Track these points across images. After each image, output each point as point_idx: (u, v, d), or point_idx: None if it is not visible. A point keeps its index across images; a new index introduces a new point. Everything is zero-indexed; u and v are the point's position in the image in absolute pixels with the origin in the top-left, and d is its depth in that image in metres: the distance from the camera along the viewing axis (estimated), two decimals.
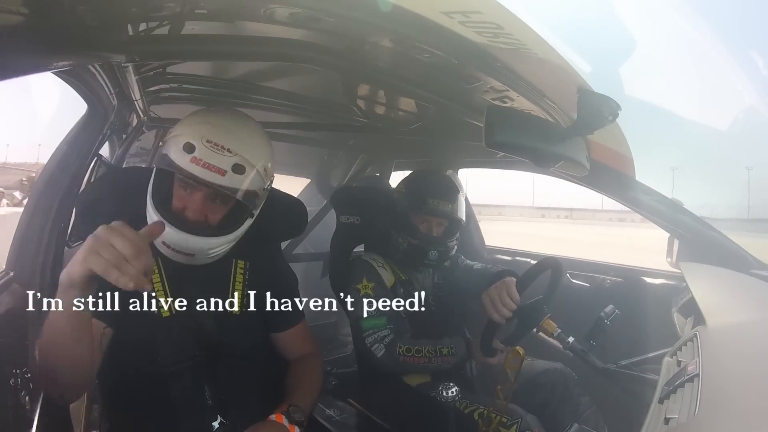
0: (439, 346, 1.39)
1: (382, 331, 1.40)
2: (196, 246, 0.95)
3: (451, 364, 1.38)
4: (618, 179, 1.50)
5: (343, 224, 1.74)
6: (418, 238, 1.49)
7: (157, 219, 0.93)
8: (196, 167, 0.90)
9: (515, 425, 1.21)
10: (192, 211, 0.94)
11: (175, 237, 0.93)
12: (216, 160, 0.90)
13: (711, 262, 1.43)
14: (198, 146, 0.90)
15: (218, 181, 0.90)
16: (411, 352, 1.38)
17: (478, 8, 0.67)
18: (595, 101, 0.92)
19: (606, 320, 1.45)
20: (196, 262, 0.98)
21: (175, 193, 0.96)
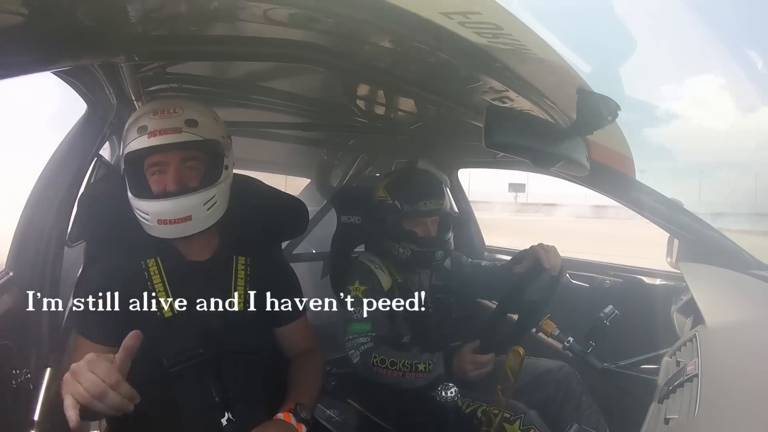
0: (416, 361, 1.34)
1: (362, 338, 1.39)
2: (188, 204, 0.96)
3: (426, 381, 1.32)
4: (618, 179, 1.50)
5: (343, 224, 1.73)
6: (421, 245, 1.47)
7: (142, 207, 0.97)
8: (155, 138, 0.94)
9: (519, 420, 1.21)
10: (171, 183, 0.96)
11: (167, 206, 0.95)
12: (168, 122, 0.95)
13: (711, 262, 1.43)
14: (148, 122, 0.95)
15: (178, 139, 0.94)
16: (385, 363, 1.35)
17: (478, 9, 0.67)
18: (595, 101, 0.93)
19: (605, 320, 1.45)
20: (198, 226, 0.98)
21: (150, 181, 0.98)
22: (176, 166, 0.96)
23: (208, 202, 0.98)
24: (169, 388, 0.97)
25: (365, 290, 1.44)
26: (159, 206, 0.95)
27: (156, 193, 0.97)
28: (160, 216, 0.95)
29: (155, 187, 0.97)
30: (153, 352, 0.97)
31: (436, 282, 1.61)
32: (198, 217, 0.97)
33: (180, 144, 0.95)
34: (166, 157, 0.96)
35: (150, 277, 1.02)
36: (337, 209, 1.77)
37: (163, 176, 0.97)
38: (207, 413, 0.96)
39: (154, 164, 0.97)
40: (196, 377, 0.98)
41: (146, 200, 0.96)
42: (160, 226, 0.96)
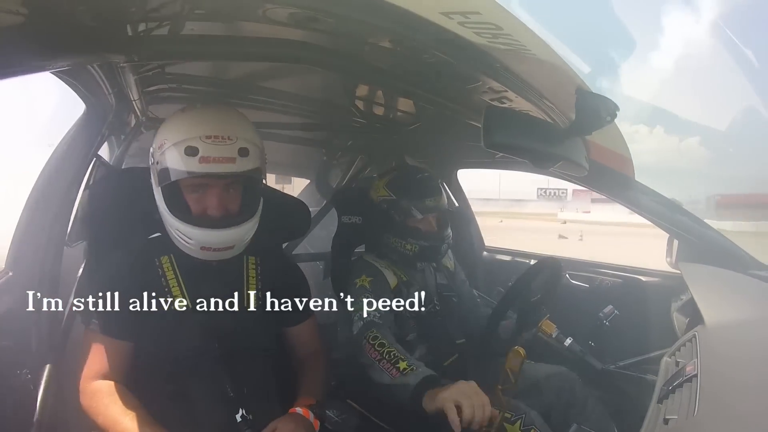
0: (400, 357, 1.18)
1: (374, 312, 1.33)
2: (232, 237, 0.98)
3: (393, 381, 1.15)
4: (617, 179, 1.50)
5: (344, 224, 1.73)
6: (427, 239, 1.48)
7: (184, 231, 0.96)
8: (209, 165, 0.92)
9: (519, 420, 1.21)
10: (213, 208, 0.97)
11: (214, 236, 0.96)
12: (222, 151, 0.92)
13: (710, 263, 1.43)
14: (200, 146, 0.92)
15: (231, 169, 0.93)
16: (376, 341, 1.22)
17: (477, 9, 0.67)
18: (594, 102, 0.93)
19: (605, 321, 1.45)
20: (236, 252, 1.02)
21: (189, 199, 0.98)
22: (220, 191, 0.97)
23: (249, 232, 1.02)
24: (184, 384, 0.99)
25: (371, 281, 1.44)
26: (206, 235, 0.96)
27: (196, 214, 0.97)
28: (205, 244, 0.97)
29: (195, 207, 0.98)
30: (168, 348, 0.99)
31: (441, 281, 1.61)
32: (239, 246, 1.02)
33: (232, 174, 0.94)
34: (212, 181, 0.96)
35: (164, 274, 1.03)
36: (338, 209, 1.77)
37: (204, 197, 0.97)
38: (221, 409, 0.98)
39: (196, 186, 0.97)
40: (210, 373, 0.99)
41: (190, 226, 0.96)
42: (201, 251, 0.98)
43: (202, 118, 0.97)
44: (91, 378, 0.97)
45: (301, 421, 0.96)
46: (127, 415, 0.91)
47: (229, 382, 0.99)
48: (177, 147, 0.93)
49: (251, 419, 0.97)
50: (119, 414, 0.91)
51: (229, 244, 0.98)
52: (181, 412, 0.98)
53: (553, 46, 0.84)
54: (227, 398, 0.98)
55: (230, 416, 0.97)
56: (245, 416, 0.97)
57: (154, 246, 1.05)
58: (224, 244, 0.98)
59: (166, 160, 0.94)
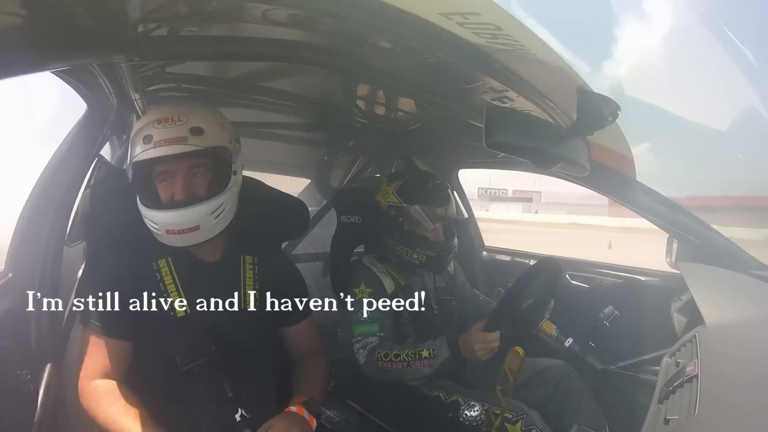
0: (419, 349, 1.30)
1: (371, 337, 1.38)
2: (195, 215, 0.96)
3: (432, 368, 1.28)
4: (618, 180, 1.50)
5: (343, 224, 1.73)
6: (435, 249, 1.47)
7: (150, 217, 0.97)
8: (161, 148, 0.93)
9: (520, 421, 1.21)
10: (179, 191, 0.97)
11: (174, 217, 0.96)
12: (172, 131, 0.94)
13: (710, 263, 1.43)
14: (153, 132, 0.94)
15: (184, 149, 0.94)
16: (389, 357, 1.32)
17: (477, 9, 0.67)
18: (595, 102, 0.93)
19: (605, 321, 1.45)
20: (205, 235, 0.98)
21: (159, 189, 0.99)
22: (183, 175, 0.97)
23: (215, 211, 0.98)
24: (183, 385, 0.99)
25: (371, 293, 1.43)
26: (167, 217, 0.96)
27: (164, 201, 0.98)
28: (169, 226, 0.96)
29: (163, 195, 0.98)
30: (166, 350, 0.99)
31: (440, 284, 1.61)
32: (206, 227, 0.98)
33: (186, 154, 0.95)
34: (172, 166, 0.96)
35: (162, 277, 1.03)
36: (338, 209, 1.77)
37: (170, 184, 0.98)
38: (220, 409, 0.98)
39: (161, 173, 0.98)
40: (208, 374, 0.99)
41: (154, 210, 0.97)
42: (168, 235, 0.97)
43: (155, 108, 1.00)
44: (90, 377, 0.97)
45: (296, 419, 0.96)
46: (127, 415, 0.91)
47: (227, 382, 0.99)
48: (136, 138, 0.96)
49: (250, 419, 0.98)
50: (118, 414, 0.91)
51: (193, 224, 0.96)
52: (179, 412, 0.98)
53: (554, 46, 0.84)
54: (226, 398, 0.98)
55: (229, 416, 0.97)
56: (244, 416, 0.97)
57: (151, 249, 1.05)
58: (187, 225, 0.96)
59: (132, 153, 0.97)
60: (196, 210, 0.96)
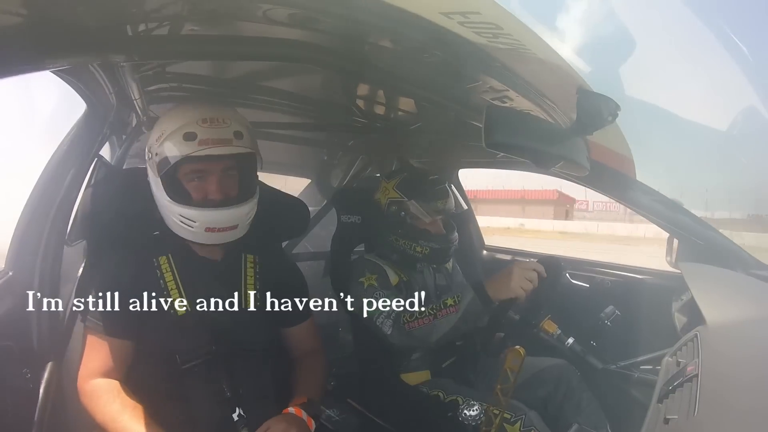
0: (443, 299, 1.29)
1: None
2: (235, 216, 0.99)
3: (458, 313, 1.25)
4: (618, 179, 1.50)
5: (344, 224, 1.73)
6: (438, 242, 1.49)
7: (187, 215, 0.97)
8: (207, 147, 0.94)
9: (519, 421, 1.21)
10: (213, 192, 0.99)
11: (218, 215, 0.98)
12: (219, 133, 0.95)
13: (711, 262, 1.43)
14: (198, 130, 0.94)
15: (229, 151, 0.96)
16: (414, 316, 1.31)
17: (477, 9, 0.67)
18: (595, 101, 0.93)
19: (606, 321, 1.45)
20: (239, 233, 1.02)
21: (189, 187, 0.99)
22: (219, 175, 0.99)
23: (249, 213, 1.03)
24: (182, 383, 0.99)
25: (377, 278, 1.44)
26: (210, 215, 0.97)
27: (197, 200, 0.98)
28: (210, 224, 0.97)
29: (195, 193, 0.99)
30: (166, 348, 0.99)
31: (439, 282, 1.61)
32: (242, 226, 1.02)
33: (230, 156, 0.96)
34: (211, 166, 0.97)
35: (162, 274, 1.03)
36: (338, 209, 1.77)
37: (204, 184, 0.99)
38: (218, 408, 0.98)
39: (195, 171, 0.98)
40: (207, 373, 0.99)
41: (193, 208, 0.97)
42: (206, 233, 0.98)
43: (196, 106, 1.00)
44: (89, 376, 0.97)
45: (294, 420, 0.96)
46: (124, 414, 0.91)
47: (226, 381, 0.99)
48: (176, 134, 0.95)
49: (247, 418, 0.97)
50: (116, 412, 0.91)
51: (233, 223, 0.99)
52: (178, 411, 0.98)
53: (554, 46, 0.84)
54: (224, 397, 0.98)
55: (227, 415, 0.97)
56: (242, 416, 0.97)
57: (151, 246, 1.06)
58: (228, 223, 0.99)
59: (165, 150, 0.96)
60: (238, 210, 0.99)
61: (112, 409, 0.92)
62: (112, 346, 0.99)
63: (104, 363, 0.98)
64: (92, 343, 0.99)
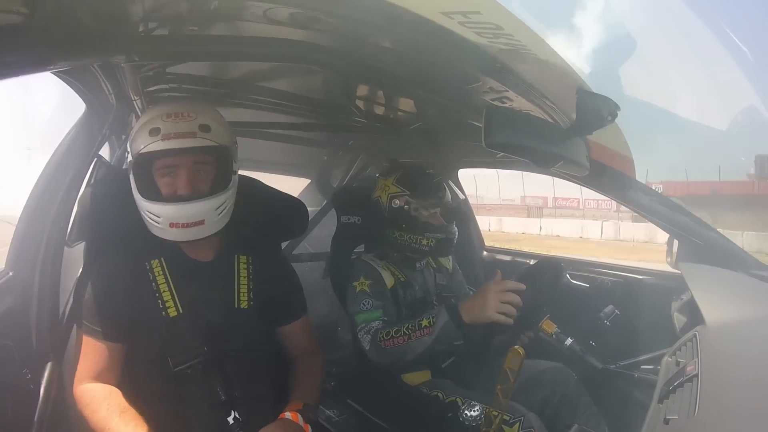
0: (418, 320, 1.28)
1: (374, 322, 1.37)
2: (200, 210, 0.97)
3: (432, 335, 1.25)
4: (618, 179, 1.50)
5: (343, 224, 1.74)
6: (442, 232, 1.50)
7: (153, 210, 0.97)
8: (170, 142, 0.94)
9: (518, 423, 1.21)
10: (182, 187, 0.97)
11: (180, 210, 0.96)
12: (182, 126, 0.95)
13: (711, 263, 1.43)
14: (162, 125, 0.95)
15: (192, 143, 0.95)
16: (390, 334, 1.30)
17: (478, 9, 0.67)
18: (594, 102, 0.93)
19: (606, 320, 1.45)
20: (209, 230, 0.99)
21: (161, 183, 0.99)
22: (188, 170, 0.97)
23: (219, 207, 0.99)
24: (176, 387, 0.99)
25: (371, 284, 1.44)
26: (172, 210, 0.96)
27: (166, 196, 0.98)
28: (173, 219, 0.96)
29: (165, 189, 0.98)
30: (159, 351, 0.99)
31: (440, 281, 1.61)
32: (210, 222, 0.99)
33: (194, 149, 0.95)
34: (178, 160, 0.97)
35: (155, 277, 1.03)
36: (337, 209, 1.77)
37: (173, 179, 0.98)
38: (213, 412, 0.97)
39: (165, 167, 0.97)
40: (201, 376, 0.99)
41: (158, 203, 0.96)
42: (171, 229, 0.97)
43: (165, 103, 1.01)
44: (80, 380, 0.97)
45: (290, 426, 0.95)
46: (112, 421, 0.90)
47: (220, 384, 0.98)
48: (142, 130, 0.96)
49: (243, 422, 0.96)
50: (104, 419, 0.91)
51: (199, 218, 0.97)
52: (172, 415, 0.97)
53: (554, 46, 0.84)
54: (218, 401, 0.97)
55: (222, 419, 0.96)
56: (237, 419, 0.96)
57: (145, 250, 1.05)
58: (192, 218, 0.96)
59: (134, 146, 0.97)
60: (202, 204, 0.96)
61: (100, 417, 0.91)
62: (105, 349, 0.98)
63: (97, 366, 0.97)
64: (86, 346, 0.99)
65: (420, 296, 1.54)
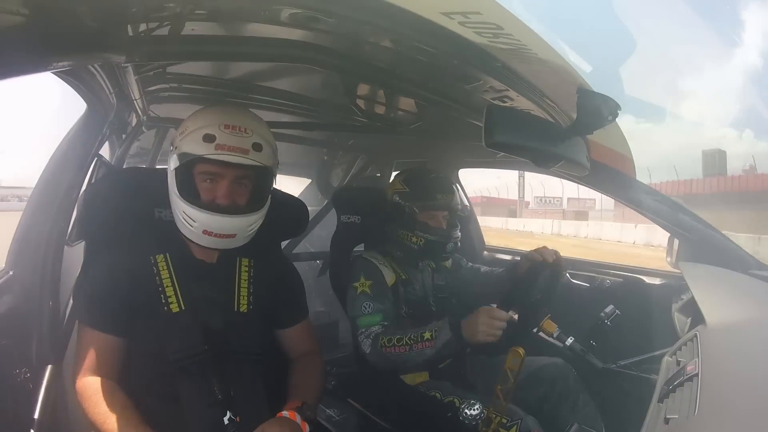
0: (421, 331, 1.30)
1: (374, 327, 1.39)
2: (235, 225, 0.99)
3: (434, 349, 1.27)
4: (618, 179, 1.50)
5: (343, 224, 1.74)
6: (434, 234, 1.50)
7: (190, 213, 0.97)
8: (222, 153, 0.94)
9: (515, 426, 1.21)
10: (222, 197, 0.99)
11: (217, 221, 0.97)
12: (238, 141, 0.95)
13: (711, 262, 1.43)
14: (218, 134, 0.95)
15: (244, 161, 0.95)
16: (392, 342, 1.32)
17: (478, 9, 0.67)
18: (595, 101, 0.93)
19: (606, 320, 1.45)
20: (237, 242, 1.02)
21: (200, 187, 1.00)
22: (230, 182, 0.99)
23: (252, 225, 1.02)
24: (173, 384, 0.98)
25: (371, 284, 1.45)
26: (210, 219, 0.97)
27: (205, 201, 0.99)
28: (208, 228, 0.97)
29: (204, 195, 0.99)
30: (158, 345, 0.99)
31: (438, 282, 1.62)
32: (240, 236, 1.01)
33: (244, 166, 0.96)
34: (224, 171, 0.98)
35: (159, 272, 1.03)
36: (338, 209, 1.78)
37: (214, 186, 0.99)
38: (209, 411, 0.97)
39: (208, 173, 0.99)
40: (199, 374, 0.99)
41: (196, 209, 0.97)
42: (204, 235, 0.98)
43: (223, 110, 1.01)
44: (81, 374, 0.97)
45: (287, 424, 0.95)
46: (113, 414, 0.91)
47: (217, 383, 0.98)
48: (196, 133, 0.96)
49: (239, 422, 0.96)
50: (104, 414, 0.91)
51: (232, 232, 0.99)
52: (169, 412, 0.97)
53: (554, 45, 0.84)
54: (215, 400, 0.97)
55: (217, 418, 0.96)
56: (232, 419, 0.96)
57: (150, 244, 1.05)
58: (226, 231, 0.99)
59: (184, 145, 0.97)
60: (239, 220, 0.99)
61: (100, 410, 0.92)
62: (105, 343, 0.99)
63: (97, 360, 0.98)
64: (86, 340, 0.99)
65: (420, 295, 1.55)
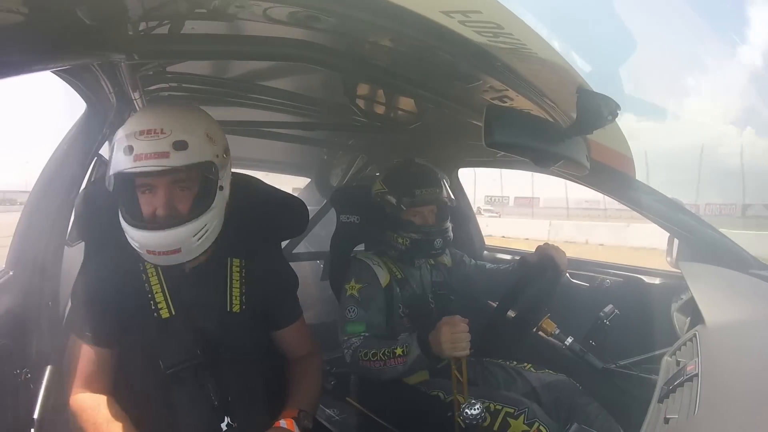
0: (394, 347, 1.27)
1: (354, 338, 1.36)
2: (175, 239, 0.90)
3: (405, 366, 1.24)
4: (618, 179, 1.50)
5: (343, 224, 1.74)
6: (419, 232, 1.48)
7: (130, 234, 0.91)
8: (140, 162, 0.87)
9: (522, 415, 1.21)
10: (161, 207, 0.91)
11: (154, 238, 0.90)
12: (154, 146, 0.86)
13: (711, 262, 1.43)
14: (135, 143, 0.87)
15: (165, 164, 0.87)
16: (368, 356, 1.30)
17: (478, 8, 0.67)
18: (595, 101, 0.93)
19: (605, 320, 1.45)
20: (187, 256, 0.93)
21: (141, 201, 0.93)
22: (166, 189, 0.91)
23: (198, 233, 0.92)
24: (168, 391, 0.97)
25: (361, 288, 1.44)
26: (147, 237, 0.90)
27: (146, 215, 0.92)
28: (148, 247, 0.90)
29: (145, 208, 0.93)
30: (151, 354, 0.97)
31: (436, 279, 1.61)
32: (187, 249, 0.92)
33: (167, 170, 0.88)
34: (154, 180, 0.90)
35: (148, 278, 1.01)
36: (337, 209, 1.77)
37: (153, 197, 0.92)
38: (206, 417, 0.95)
39: (142, 185, 0.92)
40: (194, 381, 0.97)
41: (134, 228, 0.91)
42: (148, 254, 0.92)
43: (140, 115, 0.93)
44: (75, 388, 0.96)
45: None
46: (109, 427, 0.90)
47: (213, 389, 0.96)
48: (118, 148, 0.89)
49: (236, 428, 0.95)
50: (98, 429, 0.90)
51: (174, 247, 0.90)
52: (164, 421, 0.95)
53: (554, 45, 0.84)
54: (211, 406, 0.95)
55: (215, 425, 0.95)
56: (230, 424, 0.94)
57: None
58: (168, 247, 0.90)
59: (112, 163, 0.90)
60: (177, 232, 0.89)
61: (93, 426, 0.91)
62: (94, 355, 0.97)
63: (87, 372, 0.96)
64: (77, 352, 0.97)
65: (419, 293, 1.54)
